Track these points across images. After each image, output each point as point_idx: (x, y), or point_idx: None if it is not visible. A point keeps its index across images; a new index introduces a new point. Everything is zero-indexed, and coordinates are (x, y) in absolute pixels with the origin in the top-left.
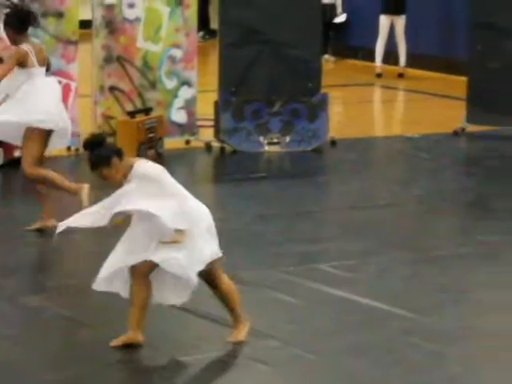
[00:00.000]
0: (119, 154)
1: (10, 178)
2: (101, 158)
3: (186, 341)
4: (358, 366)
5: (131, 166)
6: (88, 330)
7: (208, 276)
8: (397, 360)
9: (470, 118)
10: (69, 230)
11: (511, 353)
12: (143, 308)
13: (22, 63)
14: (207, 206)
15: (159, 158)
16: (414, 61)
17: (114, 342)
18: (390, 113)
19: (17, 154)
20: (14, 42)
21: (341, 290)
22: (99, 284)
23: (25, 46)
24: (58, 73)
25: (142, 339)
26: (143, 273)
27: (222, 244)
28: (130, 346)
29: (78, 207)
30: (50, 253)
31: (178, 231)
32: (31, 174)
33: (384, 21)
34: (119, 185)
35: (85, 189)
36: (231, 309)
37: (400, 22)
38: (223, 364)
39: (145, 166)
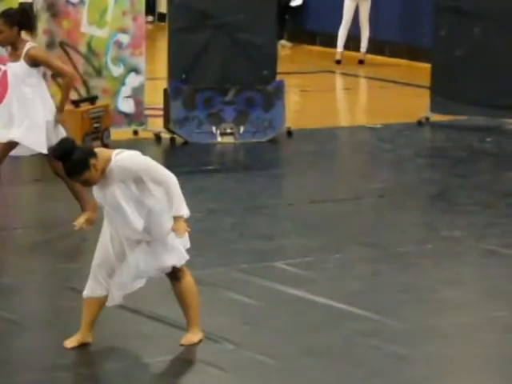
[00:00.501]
0: (93, 153)
1: None
2: (79, 164)
3: (135, 343)
4: (315, 370)
5: (109, 160)
6: (28, 332)
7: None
8: (356, 363)
9: (435, 107)
10: (7, 225)
11: (478, 354)
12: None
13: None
14: None
15: None
16: (375, 47)
17: (70, 343)
18: (350, 101)
19: None
20: (11, 42)
21: (297, 289)
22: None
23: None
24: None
25: (91, 339)
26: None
27: None
28: (79, 347)
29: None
30: None
31: (183, 219)
32: None
33: (349, 4)
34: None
35: None
36: (187, 308)
37: (365, 5)
38: (174, 368)
39: (124, 163)
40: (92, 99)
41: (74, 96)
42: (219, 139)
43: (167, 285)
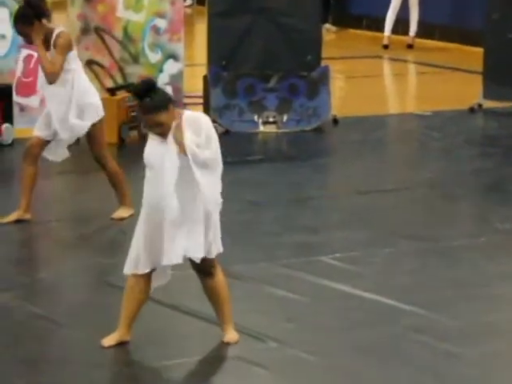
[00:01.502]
0: (172, 100)
1: None
2: (161, 101)
3: (174, 341)
4: (362, 368)
5: (180, 114)
6: (65, 329)
7: (198, 264)
8: (405, 361)
9: (487, 93)
10: (45, 218)
11: None
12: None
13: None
14: None
15: (143, 140)
16: (424, 30)
17: (108, 342)
18: (398, 88)
19: None
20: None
21: (343, 284)
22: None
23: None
24: (28, 46)
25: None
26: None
27: None
28: (117, 346)
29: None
30: (22, 244)
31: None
32: None
33: None
34: (164, 134)
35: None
36: (222, 305)
37: None
38: (214, 367)
39: (198, 116)
40: (128, 87)
41: (109, 84)
42: (261, 128)
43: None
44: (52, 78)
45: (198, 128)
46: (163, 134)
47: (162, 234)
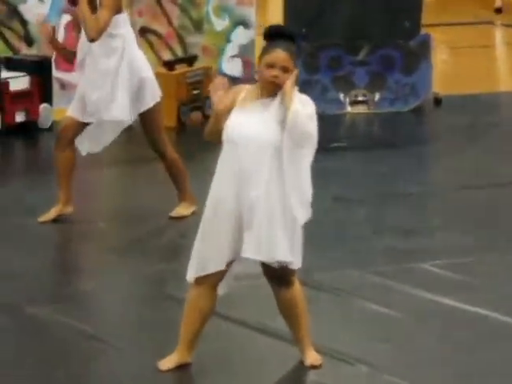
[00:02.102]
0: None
1: (10, 148)
2: (293, 47)
3: (243, 365)
4: None
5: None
6: (114, 350)
7: (276, 271)
8: None
9: None
10: (90, 218)
11: None
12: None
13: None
14: None
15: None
16: None
17: (165, 364)
18: None
19: (18, 119)
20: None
21: (449, 298)
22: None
23: None
24: (71, 10)
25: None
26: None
27: None
28: (177, 369)
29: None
30: (63, 248)
31: None
32: None
33: None
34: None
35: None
36: (299, 321)
37: None
38: None
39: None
40: (190, 60)
41: (167, 56)
42: (349, 109)
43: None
44: (93, 34)
45: (305, 102)
46: (276, 89)
47: (240, 224)
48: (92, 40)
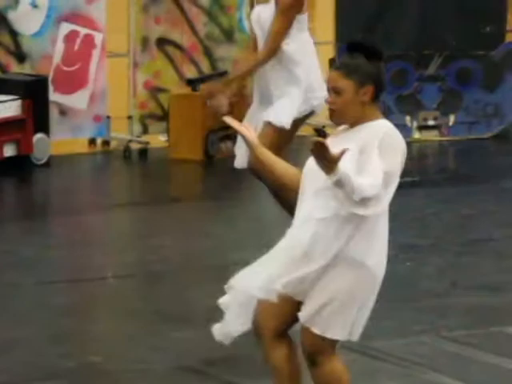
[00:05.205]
0: (379, 88)
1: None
2: (360, 66)
3: None
4: None
5: (374, 119)
6: None
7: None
8: None
9: None
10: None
11: None
12: None
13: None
14: None
15: None
16: None
17: None
18: None
19: (8, 152)
20: None
21: None
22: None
23: None
24: (72, 17)
25: None
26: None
27: None
28: None
29: None
30: (65, 311)
31: None
32: None
33: None
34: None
35: None
36: None
37: None
38: None
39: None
40: (219, 77)
41: (190, 72)
42: (416, 135)
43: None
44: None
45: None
46: (332, 116)
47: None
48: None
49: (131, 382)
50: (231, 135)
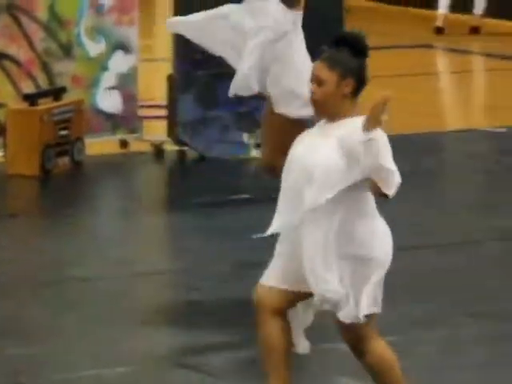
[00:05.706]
0: (360, 83)
1: None
2: (343, 58)
3: None
4: None
5: (354, 116)
6: None
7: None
8: None
9: None
10: None
11: None
12: None
13: None
14: (158, 244)
15: (77, 170)
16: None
17: None
18: (459, 93)
19: None
20: None
21: None
22: None
23: None
24: None
25: None
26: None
27: None
28: None
29: None
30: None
31: None
32: None
33: None
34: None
35: None
36: None
37: None
38: None
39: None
40: (56, 92)
41: (28, 88)
42: (254, 153)
43: None
44: None
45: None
46: (314, 107)
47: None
48: None
49: None
50: (68, 150)
